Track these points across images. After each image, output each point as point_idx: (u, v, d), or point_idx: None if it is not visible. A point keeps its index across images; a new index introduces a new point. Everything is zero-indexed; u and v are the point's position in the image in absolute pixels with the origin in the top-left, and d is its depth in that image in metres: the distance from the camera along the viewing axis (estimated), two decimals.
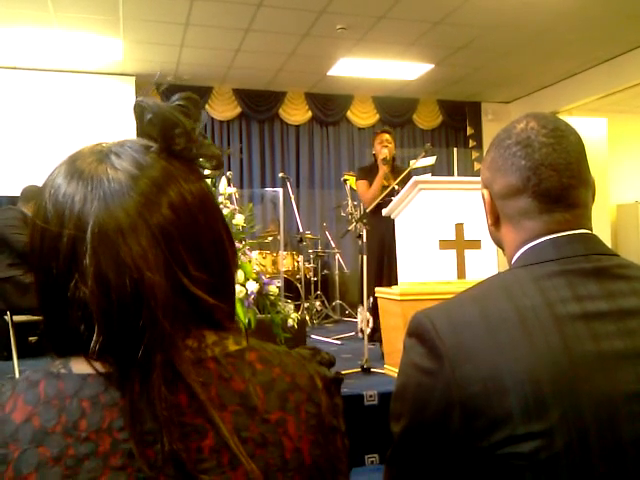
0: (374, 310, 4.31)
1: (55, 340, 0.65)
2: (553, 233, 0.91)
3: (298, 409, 0.65)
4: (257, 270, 3.18)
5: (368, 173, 5.04)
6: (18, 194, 4.48)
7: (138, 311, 0.58)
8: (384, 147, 4.89)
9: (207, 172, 0.70)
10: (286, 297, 5.35)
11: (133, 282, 0.58)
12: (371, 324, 4.55)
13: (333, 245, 7.33)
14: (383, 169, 4.83)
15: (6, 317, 4.15)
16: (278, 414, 0.63)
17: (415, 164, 4.51)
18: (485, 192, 1.00)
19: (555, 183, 0.91)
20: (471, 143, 8.81)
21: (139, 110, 0.66)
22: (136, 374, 0.58)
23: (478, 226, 3.53)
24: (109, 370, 0.60)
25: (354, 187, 6.24)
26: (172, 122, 0.65)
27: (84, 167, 0.64)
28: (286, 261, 6.49)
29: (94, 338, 0.59)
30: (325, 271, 7.44)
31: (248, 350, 0.66)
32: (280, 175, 7.07)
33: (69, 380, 0.60)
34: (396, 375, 0.91)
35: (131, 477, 0.56)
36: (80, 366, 0.61)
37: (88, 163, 0.64)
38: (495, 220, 1.00)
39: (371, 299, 4.37)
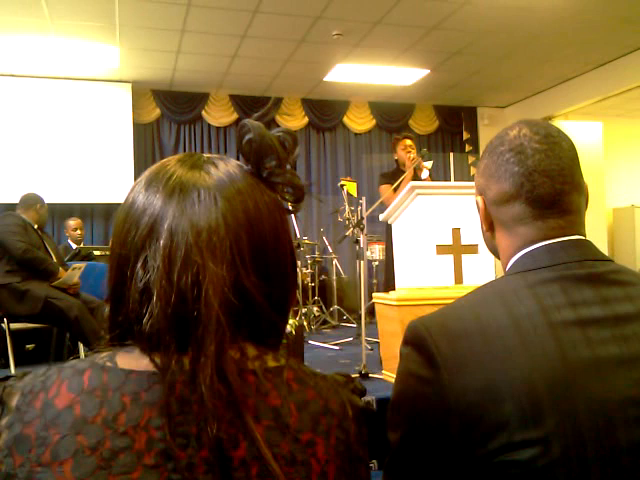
0: None
1: (115, 317, 0.67)
2: (547, 239, 0.91)
3: (329, 433, 0.65)
4: None
5: (392, 178, 5.03)
6: (15, 201, 4.47)
7: (197, 298, 0.60)
8: (408, 152, 4.87)
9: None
10: None
11: (197, 269, 0.61)
12: None
13: (330, 250, 7.34)
14: (411, 173, 4.76)
15: (3, 324, 4.14)
16: (309, 435, 0.63)
17: (412, 167, 4.52)
18: (479, 199, 1.00)
19: (548, 189, 0.91)
20: (467, 148, 8.84)
21: (243, 129, 0.71)
22: (180, 376, 0.60)
23: (475, 231, 3.54)
24: (152, 369, 0.61)
25: (351, 192, 6.23)
26: (268, 146, 0.70)
27: (176, 168, 0.69)
28: None
29: (148, 314, 0.61)
30: (323, 276, 7.44)
31: (286, 368, 0.67)
32: None
33: (113, 374, 0.62)
34: (394, 382, 0.91)
35: (163, 477, 0.57)
36: (125, 361, 0.63)
37: (183, 165, 0.69)
38: (489, 226, 1.00)
39: None
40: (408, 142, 4.94)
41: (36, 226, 4.28)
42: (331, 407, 0.67)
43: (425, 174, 4.55)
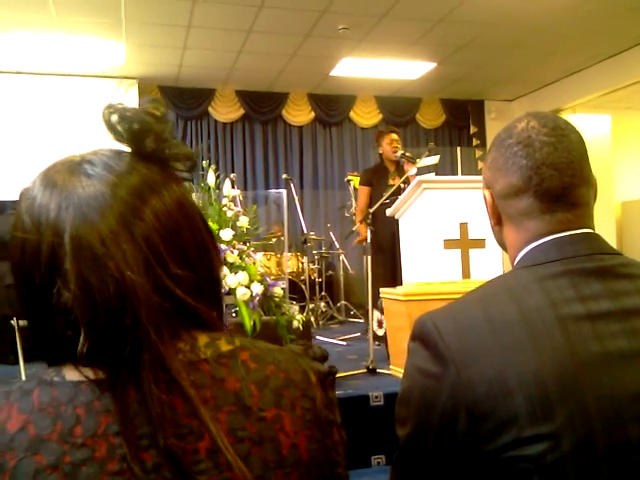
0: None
1: (45, 349, 0.66)
2: (555, 233, 0.90)
3: (293, 405, 0.65)
4: (262, 272, 3.18)
5: (372, 175, 5.00)
6: None
7: (122, 311, 0.59)
8: (395, 148, 4.83)
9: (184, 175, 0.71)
10: (291, 298, 5.35)
11: (115, 282, 0.59)
12: (385, 324, 4.53)
13: (337, 246, 7.33)
14: (397, 181, 4.66)
15: (12, 322, 4.16)
16: (273, 411, 0.63)
17: (419, 163, 4.50)
18: (487, 192, 0.99)
19: (556, 182, 0.90)
20: (474, 142, 8.80)
21: (107, 116, 0.67)
22: (129, 377, 0.59)
23: (482, 225, 3.52)
24: (102, 376, 0.60)
25: (358, 187, 6.23)
26: (140, 124, 0.66)
27: (57, 178, 0.65)
28: (290, 262, 6.49)
29: (81, 342, 0.59)
30: (330, 272, 7.44)
31: (240, 349, 0.67)
32: (284, 176, 7.07)
33: (63, 387, 0.61)
34: (401, 377, 0.91)
35: None
36: (73, 373, 0.62)
37: (61, 173, 0.65)
38: (497, 220, 0.99)
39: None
40: (394, 137, 4.90)
41: None
42: (293, 378, 0.67)
43: (413, 171, 4.48)
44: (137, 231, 0.62)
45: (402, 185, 4.39)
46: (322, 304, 6.78)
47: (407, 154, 4.57)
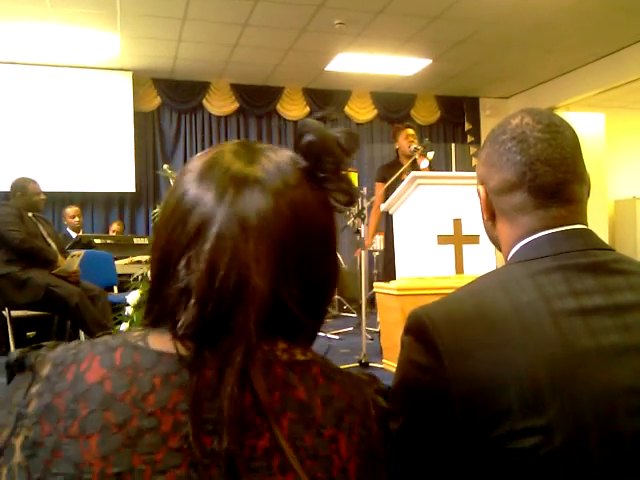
0: None
1: (152, 305, 0.67)
2: (549, 229, 0.90)
3: (351, 430, 0.65)
4: None
5: (387, 171, 5.00)
6: None
7: (233, 306, 0.60)
8: (410, 142, 4.85)
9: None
10: None
11: (238, 277, 0.61)
12: None
13: None
14: (408, 167, 4.73)
15: (4, 312, 4.15)
16: (332, 430, 0.63)
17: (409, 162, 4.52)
18: (481, 188, 1.00)
19: (550, 178, 0.90)
20: (469, 138, 8.82)
21: (302, 128, 0.69)
22: (211, 363, 0.60)
23: (476, 221, 3.53)
24: (185, 353, 0.61)
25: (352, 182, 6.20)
26: (328, 150, 0.68)
27: (231, 164, 0.67)
28: None
29: (184, 315, 0.61)
30: None
31: (313, 363, 0.67)
32: None
33: (145, 354, 0.62)
34: (394, 371, 0.91)
35: (186, 460, 0.57)
36: (157, 342, 0.63)
37: (239, 158, 0.67)
38: (491, 216, 1.00)
39: None
40: (410, 132, 4.92)
41: (30, 214, 4.26)
42: (355, 405, 0.67)
43: (424, 164, 4.54)
44: (280, 242, 0.64)
45: None
46: None
47: (418, 147, 4.59)
